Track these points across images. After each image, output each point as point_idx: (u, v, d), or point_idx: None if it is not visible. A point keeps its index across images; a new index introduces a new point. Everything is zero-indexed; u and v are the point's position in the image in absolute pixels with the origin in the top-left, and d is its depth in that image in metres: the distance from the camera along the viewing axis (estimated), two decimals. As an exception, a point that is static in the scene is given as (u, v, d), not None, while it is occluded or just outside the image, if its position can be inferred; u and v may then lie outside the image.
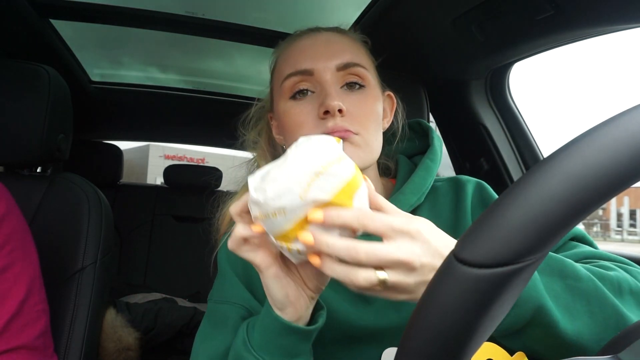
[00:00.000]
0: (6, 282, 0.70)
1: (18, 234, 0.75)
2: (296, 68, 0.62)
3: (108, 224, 0.99)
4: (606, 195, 0.23)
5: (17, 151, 0.91)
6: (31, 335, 0.71)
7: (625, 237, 24.98)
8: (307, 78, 0.62)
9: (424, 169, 0.68)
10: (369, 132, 0.61)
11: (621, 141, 0.23)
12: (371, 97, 0.63)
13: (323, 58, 0.62)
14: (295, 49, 0.65)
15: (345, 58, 0.62)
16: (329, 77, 0.61)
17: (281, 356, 0.48)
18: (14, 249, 0.73)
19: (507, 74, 1.28)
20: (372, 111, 0.63)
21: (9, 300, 0.69)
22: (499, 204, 0.25)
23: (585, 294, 0.47)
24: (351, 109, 0.60)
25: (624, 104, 14.67)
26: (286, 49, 0.67)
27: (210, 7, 1.26)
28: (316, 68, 0.61)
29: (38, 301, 0.74)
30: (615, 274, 0.51)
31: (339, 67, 0.62)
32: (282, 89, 0.64)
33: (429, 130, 0.74)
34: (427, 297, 0.27)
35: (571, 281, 0.48)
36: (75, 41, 1.41)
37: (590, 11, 0.83)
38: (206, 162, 16.58)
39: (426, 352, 0.27)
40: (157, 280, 2.07)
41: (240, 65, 1.72)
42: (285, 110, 0.64)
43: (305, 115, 0.61)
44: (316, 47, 0.63)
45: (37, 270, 0.76)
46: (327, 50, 0.63)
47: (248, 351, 0.49)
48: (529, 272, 0.25)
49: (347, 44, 0.65)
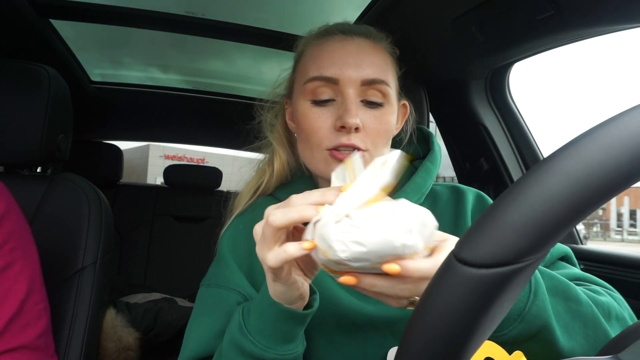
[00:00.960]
0: (7, 281, 0.70)
1: (18, 232, 0.75)
2: (322, 73, 0.63)
3: (108, 224, 0.99)
4: (606, 195, 0.23)
5: (17, 151, 0.91)
6: (32, 334, 0.71)
7: (625, 237, 24.99)
8: (330, 85, 0.63)
9: (424, 170, 0.70)
10: (377, 149, 0.63)
11: (621, 141, 0.23)
12: (387, 114, 0.64)
13: (351, 69, 0.62)
14: (324, 51, 0.65)
15: (372, 73, 0.62)
16: (352, 91, 0.62)
17: (279, 341, 0.49)
18: (15, 248, 0.73)
19: (507, 74, 1.28)
20: (386, 128, 0.64)
21: (10, 300, 0.69)
22: (499, 204, 0.25)
23: (583, 317, 0.51)
24: (367, 124, 0.62)
25: (624, 104, 14.57)
26: (316, 46, 0.66)
27: (210, 7, 1.26)
28: (342, 78, 0.62)
29: (39, 300, 0.74)
30: (606, 299, 0.55)
31: (364, 82, 0.62)
32: (304, 88, 0.64)
33: (430, 136, 0.76)
34: (428, 297, 0.27)
35: (573, 304, 0.51)
36: (75, 41, 1.42)
37: (590, 11, 0.83)
38: (206, 162, 16.58)
39: (426, 351, 0.27)
40: (157, 280, 2.07)
41: (240, 66, 1.72)
42: (304, 111, 0.64)
43: (322, 122, 0.62)
44: (345, 55, 0.63)
45: (37, 269, 0.76)
46: (356, 62, 0.62)
47: (244, 335, 0.50)
48: (529, 272, 0.25)
49: (376, 56, 0.64)
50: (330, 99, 0.63)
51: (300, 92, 0.65)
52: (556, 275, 0.54)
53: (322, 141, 0.62)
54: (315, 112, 0.63)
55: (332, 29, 0.67)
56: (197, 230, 2.19)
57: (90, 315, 0.90)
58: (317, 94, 0.63)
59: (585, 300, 0.52)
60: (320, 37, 0.67)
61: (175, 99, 1.85)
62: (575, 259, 0.67)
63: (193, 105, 1.91)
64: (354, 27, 0.67)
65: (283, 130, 0.74)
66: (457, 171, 1.50)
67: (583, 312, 0.51)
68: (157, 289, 1.84)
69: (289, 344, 0.50)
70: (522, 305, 0.49)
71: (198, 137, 2.48)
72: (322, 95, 0.63)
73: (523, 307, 0.49)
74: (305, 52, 0.68)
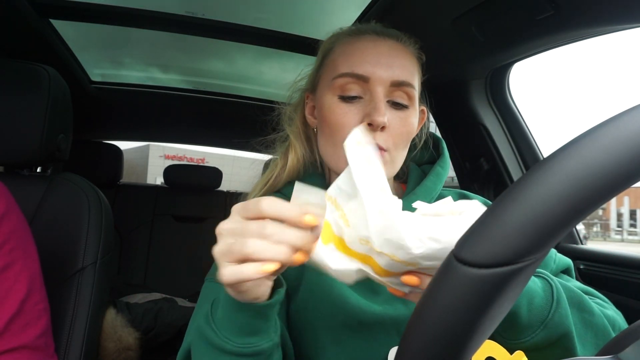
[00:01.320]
0: (7, 281, 0.70)
1: (18, 232, 0.75)
2: (353, 70, 0.63)
3: (108, 224, 0.99)
4: (606, 195, 0.23)
5: (17, 151, 0.91)
6: (32, 334, 0.71)
7: (625, 237, 24.98)
8: (360, 83, 0.63)
9: (435, 174, 0.72)
10: (397, 150, 0.64)
11: (621, 141, 0.23)
12: (411, 117, 0.65)
13: (382, 68, 0.62)
14: (357, 49, 0.65)
15: (402, 75, 0.63)
16: (381, 90, 0.62)
17: (237, 333, 0.48)
18: (14, 248, 0.73)
19: (507, 74, 1.28)
20: (409, 131, 0.65)
21: (9, 300, 0.69)
22: (499, 204, 0.25)
23: (595, 328, 0.54)
24: (392, 125, 0.63)
25: (624, 104, 14.53)
26: (348, 43, 0.67)
27: (210, 7, 1.26)
28: (373, 77, 0.62)
29: (39, 300, 0.74)
30: (612, 313, 0.58)
31: (393, 83, 0.63)
32: (333, 83, 0.65)
33: (440, 141, 0.78)
34: (428, 297, 0.27)
35: (587, 315, 0.54)
36: (76, 41, 1.42)
37: (590, 11, 0.83)
38: (206, 162, 16.59)
39: (427, 351, 0.27)
40: (157, 280, 2.07)
41: (240, 66, 1.72)
42: (331, 106, 0.65)
43: (350, 119, 0.63)
44: (378, 54, 0.64)
45: (37, 269, 0.76)
46: (388, 62, 0.63)
47: (208, 324, 0.49)
48: (529, 272, 0.25)
49: (406, 59, 0.65)
50: (358, 96, 0.64)
51: (328, 87, 0.65)
52: (570, 286, 0.56)
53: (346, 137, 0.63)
54: (342, 107, 0.64)
55: (364, 28, 0.68)
56: (197, 230, 2.19)
57: (90, 315, 0.90)
58: (346, 90, 0.64)
59: (597, 311, 0.54)
60: (353, 34, 0.68)
61: (175, 99, 1.85)
62: (574, 273, 0.70)
63: (193, 105, 1.91)
64: (386, 29, 0.68)
65: (301, 125, 0.74)
66: (457, 171, 1.50)
67: (595, 323, 0.53)
68: (157, 289, 1.84)
69: (249, 337, 0.48)
70: (545, 312, 0.50)
71: (198, 137, 2.48)
72: (350, 92, 0.63)
73: (547, 314, 0.50)
74: (335, 48, 0.68)
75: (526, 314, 0.50)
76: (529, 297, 0.50)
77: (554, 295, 0.51)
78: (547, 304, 0.50)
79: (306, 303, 0.62)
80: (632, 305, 1.01)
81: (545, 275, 0.55)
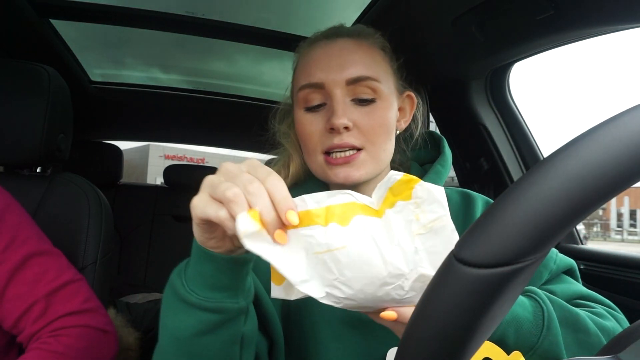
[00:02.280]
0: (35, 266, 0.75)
1: (25, 223, 0.78)
2: (309, 80, 0.64)
3: (108, 224, 0.99)
4: (606, 195, 0.23)
5: (17, 151, 0.91)
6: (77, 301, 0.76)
7: (625, 237, 24.98)
8: (319, 91, 0.64)
9: (434, 173, 0.71)
10: (375, 145, 0.63)
11: (621, 141, 0.23)
12: (381, 109, 0.64)
13: (334, 71, 0.63)
14: (310, 58, 0.66)
15: (356, 71, 0.63)
16: (338, 92, 0.63)
17: (202, 285, 0.47)
18: (29, 237, 0.76)
19: (507, 74, 1.28)
20: (381, 124, 0.64)
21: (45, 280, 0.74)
22: (499, 204, 0.25)
23: (591, 347, 0.52)
24: (359, 122, 0.63)
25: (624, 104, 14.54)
26: (304, 55, 0.68)
27: (210, 7, 1.26)
28: (326, 82, 0.63)
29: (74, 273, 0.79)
30: (611, 325, 0.56)
31: (348, 82, 0.63)
32: (298, 97, 0.66)
33: (441, 140, 0.77)
34: (428, 297, 0.27)
35: (582, 335, 0.53)
36: (76, 41, 1.42)
37: (590, 11, 0.83)
38: (206, 162, 16.59)
39: (426, 351, 0.27)
40: (157, 280, 2.07)
41: (241, 66, 1.72)
42: (299, 119, 0.66)
43: (315, 127, 0.64)
44: (329, 58, 0.64)
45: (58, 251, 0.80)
46: (339, 62, 0.63)
47: (179, 277, 0.49)
48: (529, 272, 0.25)
49: (360, 54, 0.65)
50: (321, 104, 0.65)
51: (296, 101, 0.67)
52: (567, 305, 0.55)
53: (316, 145, 0.64)
54: (308, 118, 0.65)
55: (317, 36, 0.69)
56: (197, 230, 2.19)
57: (90, 315, 0.90)
58: (309, 101, 0.65)
59: (593, 330, 0.53)
60: (307, 46, 0.69)
61: (175, 99, 1.85)
62: (578, 273, 0.68)
63: (193, 105, 1.91)
64: (338, 30, 0.68)
65: (296, 137, 0.75)
66: (457, 171, 1.50)
67: (591, 343, 0.52)
68: (157, 289, 1.84)
69: (213, 292, 0.47)
70: (534, 339, 0.50)
71: (198, 137, 2.48)
72: (313, 102, 0.65)
73: (536, 341, 0.50)
74: (297, 64, 0.70)
75: (513, 343, 0.50)
76: (516, 325, 0.50)
77: (544, 321, 0.50)
78: (537, 330, 0.50)
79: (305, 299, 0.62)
80: (632, 305, 1.01)
81: (537, 297, 0.53)
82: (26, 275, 0.73)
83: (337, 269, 0.38)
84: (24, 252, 0.74)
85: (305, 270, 0.39)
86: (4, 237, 0.73)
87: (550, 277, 0.65)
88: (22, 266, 0.73)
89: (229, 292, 0.48)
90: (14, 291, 0.72)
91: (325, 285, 0.39)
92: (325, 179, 0.66)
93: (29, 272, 0.74)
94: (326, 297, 0.39)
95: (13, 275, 0.72)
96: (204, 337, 0.48)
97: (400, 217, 0.39)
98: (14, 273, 0.73)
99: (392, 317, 0.39)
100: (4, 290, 0.72)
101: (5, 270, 0.72)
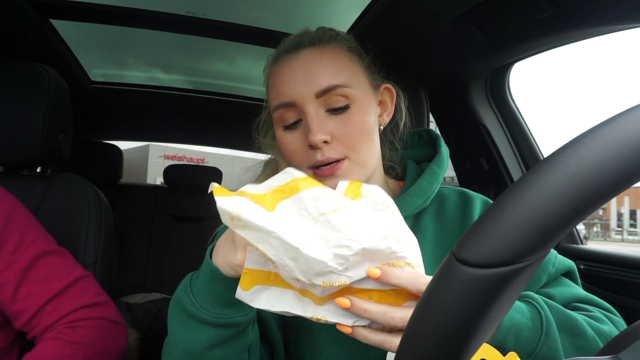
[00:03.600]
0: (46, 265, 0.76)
1: (32, 224, 0.80)
2: (280, 100, 0.63)
3: (108, 224, 0.99)
4: (606, 195, 0.23)
5: (17, 151, 0.91)
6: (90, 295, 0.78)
7: (625, 237, 24.97)
8: (292, 109, 0.62)
9: (430, 173, 0.69)
10: (357, 152, 0.62)
11: (621, 141, 0.23)
12: (357, 114, 0.62)
13: (301, 86, 0.61)
14: (276, 77, 0.65)
15: (324, 82, 0.61)
16: (310, 107, 0.61)
17: (214, 303, 0.50)
18: (37, 237, 0.78)
19: (507, 74, 1.28)
20: (359, 129, 0.62)
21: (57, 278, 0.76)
22: (499, 204, 0.25)
23: (589, 352, 0.52)
24: (336, 133, 0.61)
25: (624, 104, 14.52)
26: (272, 73, 0.67)
27: (209, 7, 1.26)
28: (296, 99, 0.61)
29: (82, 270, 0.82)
30: (608, 329, 0.56)
31: (318, 94, 0.61)
32: (274, 118, 0.65)
33: (438, 138, 0.75)
34: (428, 297, 0.27)
35: (579, 340, 0.52)
36: (76, 42, 1.42)
37: (590, 11, 0.83)
38: (206, 162, 16.59)
39: (426, 351, 0.27)
40: (157, 280, 2.07)
41: (243, 67, 1.72)
42: (280, 139, 0.65)
43: (296, 145, 0.63)
44: (294, 73, 0.62)
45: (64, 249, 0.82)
46: (304, 76, 0.61)
47: (186, 294, 0.52)
48: (529, 272, 0.25)
49: (326, 62, 0.62)
50: (297, 121, 0.63)
51: (274, 120, 0.66)
52: (564, 310, 0.54)
53: (302, 162, 0.63)
54: (288, 137, 0.64)
55: (279, 52, 0.67)
56: (197, 230, 2.19)
57: (90, 315, 0.90)
58: (285, 120, 0.63)
59: (591, 335, 0.53)
60: (273, 63, 0.67)
61: (176, 99, 1.85)
62: (577, 275, 0.67)
63: (193, 105, 1.91)
64: (300, 40, 0.65)
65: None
66: (457, 171, 1.50)
67: (588, 348, 0.52)
68: (157, 289, 1.84)
69: (224, 308, 0.50)
70: (533, 345, 0.49)
71: (198, 137, 2.48)
72: (289, 120, 0.63)
73: (535, 347, 0.49)
74: (267, 83, 0.69)
75: (512, 349, 0.50)
76: (516, 332, 0.50)
77: (543, 326, 0.50)
78: (536, 335, 0.50)
79: None
80: (632, 305, 1.01)
81: (535, 302, 0.53)
82: (38, 274, 0.75)
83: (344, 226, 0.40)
84: (33, 252, 0.76)
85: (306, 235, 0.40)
86: (12, 239, 0.75)
87: (549, 280, 0.64)
88: (33, 266, 0.75)
89: (238, 307, 0.51)
90: (27, 291, 0.74)
91: (331, 247, 0.40)
92: None
93: (40, 271, 0.75)
94: (333, 259, 0.39)
95: (25, 275, 0.74)
96: (216, 349, 0.51)
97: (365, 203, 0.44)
98: (25, 273, 0.74)
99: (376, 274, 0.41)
100: (16, 290, 0.73)
101: (17, 270, 0.74)
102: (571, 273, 0.66)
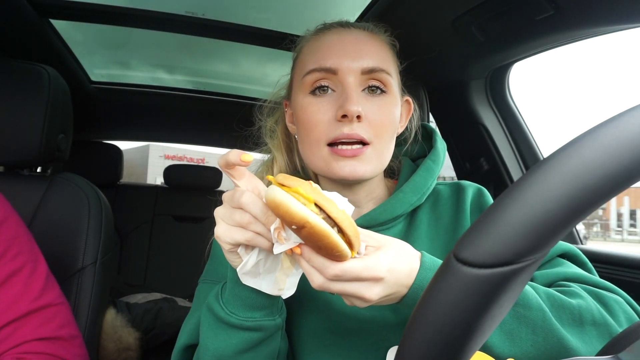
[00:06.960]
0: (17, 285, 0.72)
1: (20, 237, 0.76)
2: (320, 64, 0.61)
3: (108, 224, 0.98)
4: (606, 195, 0.23)
5: (17, 151, 0.91)
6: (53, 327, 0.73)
7: (625, 237, 24.96)
8: (329, 76, 0.61)
9: (425, 169, 0.67)
10: (382, 142, 0.61)
11: (621, 141, 0.23)
12: (390, 104, 0.63)
13: (349, 58, 0.61)
14: (322, 44, 0.64)
15: (371, 62, 0.61)
16: (352, 80, 0.60)
17: (241, 307, 0.52)
18: (20, 252, 0.74)
19: (507, 74, 1.28)
20: (390, 119, 0.62)
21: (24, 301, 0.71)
22: (499, 204, 0.25)
23: (532, 323, 0.48)
24: (369, 114, 0.60)
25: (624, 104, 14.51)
26: (313, 41, 0.65)
27: (210, 7, 1.26)
28: (341, 68, 0.60)
29: (56, 296, 0.76)
30: (579, 302, 0.51)
31: (364, 71, 0.61)
32: (303, 82, 0.63)
33: (433, 133, 0.74)
34: (428, 297, 0.27)
35: (520, 309, 0.49)
36: (76, 42, 1.42)
37: (590, 11, 0.83)
38: (206, 162, 16.57)
39: (426, 351, 0.27)
40: (157, 280, 2.07)
41: (245, 67, 1.72)
42: (303, 105, 0.62)
43: (323, 114, 0.60)
44: (344, 45, 0.62)
45: (47, 269, 0.78)
46: (355, 51, 0.61)
47: (217, 301, 0.53)
48: (529, 272, 0.25)
49: (375, 46, 0.63)
50: (329, 88, 0.61)
51: (299, 87, 0.64)
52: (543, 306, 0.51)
53: (322, 135, 0.60)
54: (314, 104, 0.61)
55: (330, 24, 0.67)
56: (197, 230, 2.19)
57: (90, 315, 0.90)
58: (317, 84, 0.62)
59: (536, 304, 0.49)
60: (318, 32, 0.67)
61: (176, 99, 1.85)
62: (582, 258, 0.64)
63: (193, 105, 1.91)
64: (352, 22, 0.67)
65: (283, 136, 0.73)
66: (457, 171, 1.50)
67: (532, 318, 0.48)
68: (157, 289, 1.84)
69: (252, 312, 0.52)
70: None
71: (198, 137, 2.48)
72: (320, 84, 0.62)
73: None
74: (303, 49, 0.67)
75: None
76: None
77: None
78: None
79: (291, 309, 0.62)
80: (632, 305, 1.01)
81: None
82: (7, 294, 0.71)
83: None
84: (9, 269, 0.72)
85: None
86: None
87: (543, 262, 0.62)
88: (5, 284, 0.71)
89: (265, 311, 0.53)
90: None
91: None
92: (327, 173, 0.62)
93: (11, 291, 0.71)
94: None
95: None
96: (246, 354, 0.53)
97: None
98: None
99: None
100: None
101: None
102: (571, 255, 0.63)
